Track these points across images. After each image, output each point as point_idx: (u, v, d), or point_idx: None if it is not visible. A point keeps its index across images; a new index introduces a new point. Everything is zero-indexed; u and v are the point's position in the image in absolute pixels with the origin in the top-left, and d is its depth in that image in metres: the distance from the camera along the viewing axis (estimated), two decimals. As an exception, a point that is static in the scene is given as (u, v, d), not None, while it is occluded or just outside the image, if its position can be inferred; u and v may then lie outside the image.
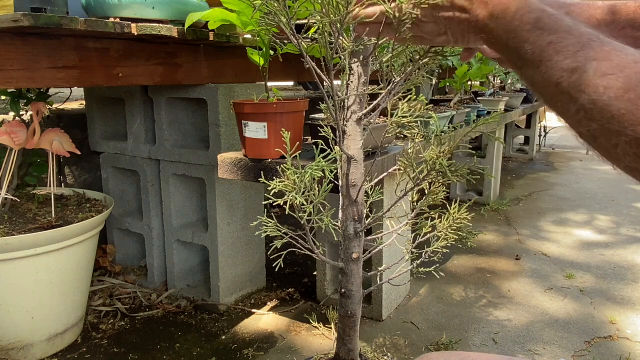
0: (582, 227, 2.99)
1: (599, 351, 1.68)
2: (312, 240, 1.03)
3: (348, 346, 1.09)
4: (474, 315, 1.91)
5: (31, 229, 1.58)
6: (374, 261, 1.84)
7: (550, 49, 0.47)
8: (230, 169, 1.51)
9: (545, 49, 0.47)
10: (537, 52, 0.48)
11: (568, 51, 0.45)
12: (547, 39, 0.47)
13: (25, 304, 1.55)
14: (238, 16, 1.32)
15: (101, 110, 2.17)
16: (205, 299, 1.97)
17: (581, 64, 0.44)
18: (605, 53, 0.44)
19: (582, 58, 0.44)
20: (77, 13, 1.46)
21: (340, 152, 0.95)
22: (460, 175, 0.93)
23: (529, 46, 0.49)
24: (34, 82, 1.35)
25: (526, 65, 0.50)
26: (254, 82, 1.99)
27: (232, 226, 1.95)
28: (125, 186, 2.21)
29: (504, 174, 4.32)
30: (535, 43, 0.48)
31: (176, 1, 1.54)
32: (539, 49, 0.48)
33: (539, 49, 0.48)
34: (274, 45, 1.30)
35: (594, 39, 0.46)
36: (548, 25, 0.48)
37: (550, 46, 0.47)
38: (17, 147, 1.67)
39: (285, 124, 1.41)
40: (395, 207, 1.07)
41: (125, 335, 1.77)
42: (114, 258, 2.20)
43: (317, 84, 0.82)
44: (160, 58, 1.64)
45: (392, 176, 1.74)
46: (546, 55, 0.47)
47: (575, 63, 0.44)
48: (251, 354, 1.65)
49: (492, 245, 2.68)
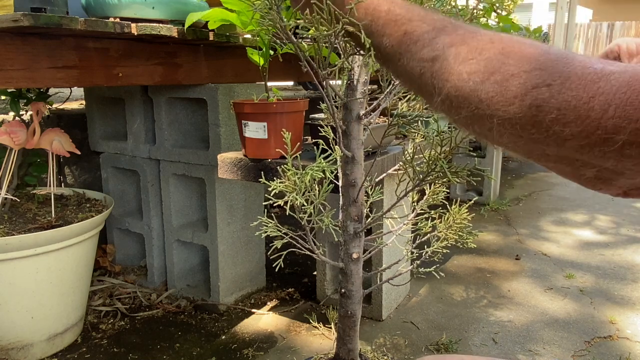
0: (582, 227, 2.99)
1: (599, 351, 1.68)
2: (313, 240, 1.03)
3: (348, 346, 1.09)
4: (474, 315, 1.91)
5: (31, 229, 1.58)
6: (374, 261, 1.84)
7: (407, 39, 0.46)
8: (230, 169, 1.51)
9: (402, 41, 0.46)
10: (395, 45, 0.47)
11: (424, 39, 0.44)
12: (402, 29, 0.46)
13: (25, 304, 1.55)
14: (238, 16, 1.32)
15: (101, 110, 2.16)
16: (205, 299, 1.97)
17: (440, 52, 0.43)
18: (460, 37, 0.43)
19: (440, 45, 0.43)
20: (77, 13, 1.46)
21: (340, 153, 0.95)
22: (461, 177, 0.93)
23: (387, 39, 0.48)
24: (34, 82, 1.35)
25: (388, 60, 0.49)
26: (254, 82, 1.99)
27: (232, 226, 1.95)
28: (125, 186, 2.21)
29: (504, 174, 4.32)
30: (392, 35, 0.47)
31: (176, 1, 1.54)
32: (396, 40, 0.47)
33: (396, 40, 0.47)
34: (274, 45, 1.30)
35: (447, 25, 0.45)
36: (400, 16, 0.47)
37: (406, 36, 0.46)
38: (17, 147, 1.67)
39: (285, 124, 1.41)
40: (395, 207, 1.07)
41: (125, 335, 1.77)
42: (114, 258, 2.20)
43: (317, 84, 0.82)
44: (160, 58, 1.64)
45: (392, 176, 1.74)
46: (404, 46, 0.46)
47: (434, 52, 0.43)
48: (251, 354, 1.65)
49: (492, 245, 2.68)
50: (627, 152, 0.35)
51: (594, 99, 0.35)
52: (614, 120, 0.35)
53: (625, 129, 0.34)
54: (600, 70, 0.36)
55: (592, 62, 0.37)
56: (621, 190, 0.40)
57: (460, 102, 0.42)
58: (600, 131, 0.35)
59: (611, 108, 0.35)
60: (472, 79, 0.41)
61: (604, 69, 0.36)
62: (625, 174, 0.37)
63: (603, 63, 0.37)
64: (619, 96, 0.35)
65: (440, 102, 0.44)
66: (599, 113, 0.35)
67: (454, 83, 0.42)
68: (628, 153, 0.35)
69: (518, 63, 0.39)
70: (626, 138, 0.34)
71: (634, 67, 0.36)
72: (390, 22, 0.47)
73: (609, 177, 0.38)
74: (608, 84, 0.35)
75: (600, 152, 0.36)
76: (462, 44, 0.42)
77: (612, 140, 0.35)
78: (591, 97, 0.36)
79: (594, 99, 0.35)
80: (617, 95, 0.35)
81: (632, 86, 0.35)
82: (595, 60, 0.38)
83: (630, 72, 0.35)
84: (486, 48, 0.41)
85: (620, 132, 0.35)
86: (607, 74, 0.36)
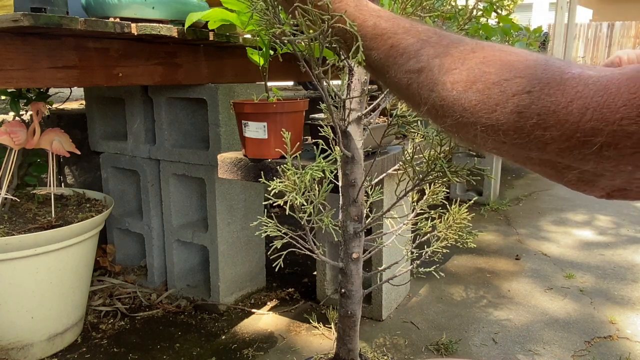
0: (582, 227, 2.99)
1: (599, 351, 1.68)
2: (312, 240, 1.03)
3: (348, 346, 1.09)
4: (474, 315, 1.91)
5: (31, 229, 1.58)
6: (374, 261, 1.84)
7: (394, 52, 0.47)
8: (230, 169, 1.51)
9: (389, 53, 0.47)
10: (383, 58, 0.48)
11: (410, 52, 0.46)
12: (388, 42, 0.48)
13: (25, 304, 1.55)
14: (238, 16, 1.32)
15: (101, 110, 2.17)
16: (205, 299, 1.97)
17: (425, 63, 0.44)
18: (444, 48, 0.44)
19: (425, 57, 0.45)
20: (77, 13, 1.46)
21: (340, 153, 0.95)
22: (461, 176, 0.93)
23: (375, 53, 0.49)
24: (34, 82, 1.35)
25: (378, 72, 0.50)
26: (254, 82, 2.00)
27: (232, 226, 1.95)
28: (125, 186, 2.21)
29: (504, 174, 4.32)
30: (379, 49, 0.48)
31: (176, 1, 1.54)
32: (384, 53, 0.48)
33: (384, 53, 0.48)
34: (274, 45, 1.30)
35: (431, 35, 0.46)
36: (386, 30, 0.48)
37: (393, 49, 0.47)
38: (17, 147, 1.67)
39: (285, 124, 1.41)
40: (395, 207, 1.07)
41: (125, 335, 1.77)
42: (114, 258, 2.20)
43: (317, 84, 0.82)
44: (160, 58, 1.64)
45: (392, 176, 1.74)
46: (391, 59, 0.47)
47: (420, 63, 0.45)
48: (251, 354, 1.65)
49: (492, 245, 2.68)
50: (606, 154, 0.36)
51: (572, 103, 0.36)
52: (592, 123, 0.35)
53: (603, 131, 0.35)
54: (578, 75, 0.37)
55: (571, 67, 0.38)
56: (604, 192, 0.41)
57: (445, 110, 0.43)
58: (579, 134, 0.36)
59: (589, 111, 0.35)
60: (456, 88, 0.42)
61: (582, 74, 0.37)
62: (605, 176, 0.38)
63: (581, 67, 0.38)
64: (596, 99, 0.35)
65: (427, 111, 0.45)
66: (577, 117, 0.36)
67: (438, 93, 0.43)
68: (607, 155, 0.36)
69: (499, 71, 0.40)
70: (604, 140, 0.35)
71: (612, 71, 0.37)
72: (377, 37, 0.49)
73: (591, 179, 0.39)
74: (586, 88, 0.36)
75: (580, 155, 0.37)
76: (445, 55, 0.44)
77: (591, 143, 0.36)
78: (569, 102, 0.36)
79: (572, 103, 0.36)
80: (594, 98, 0.35)
81: (609, 89, 0.35)
82: (575, 65, 0.39)
83: (608, 76, 0.36)
84: (468, 58, 0.43)
85: (598, 135, 0.35)
86: (585, 78, 0.37)
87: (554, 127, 0.37)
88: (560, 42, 6.65)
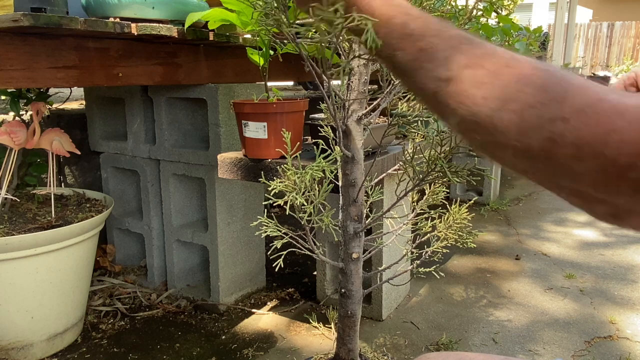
0: (582, 227, 2.99)
1: (599, 351, 1.68)
2: (312, 240, 1.03)
3: (348, 346, 1.09)
4: (474, 315, 1.91)
5: (31, 229, 1.58)
6: (374, 261, 1.84)
7: (422, 56, 0.44)
8: (230, 169, 1.51)
9: (417, 57, 0.44)
10: (410, 61, 0.45)
11: (439, 58, 0.43)
12: (417, 45, 0.44)
13: (25, 304, 1.55)
14: (238, 16, 1.32)
15: (101, 110, 2.17)
16: (205, 299, 1.97)
17: (455, 72, 0.42)
18: (477, 59, 0.42)
19: (455, 65, 0.42)
20: (77, 13, 1.46)
21: (340, 153, 0.95)
22: (461, 177, 0.93)
23: (401, 54, 0.45)
24: (34, 82, 1.35)
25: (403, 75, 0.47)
26: (254, 82, 1.99)
27: (232, 226, 1.95)
28: (125, 186, 2.21)
29: (504, 174, 4.32)
30: (406, 50, 0.45)
31: (176, 1, 1.54)
32: (411, 56, 0.45)
33: (411, 56, 0.45)
34: (274, 45, 1.30)
35: (463, 42, 0.43)
36: (416, 31, 0.45)
37: (422, 53, 0.44)
38: (17, 147, 1.67)
39: (285, 124, 1.41)
40: (395, 207, 1.07)
41: (125, 335, 1.77)
42: (114, 258, 2.20)
43: (317, 84, 0.82)
44: (160, 58, 1.64)
45: (392, 176, 1.74)
46: (418, 63, 0.44)
47: (449, 72, 0.42)
48: (251, 354, 1.65)
49: (492, 245, 2.68)
50: None
51: (609, 136, 0.35)
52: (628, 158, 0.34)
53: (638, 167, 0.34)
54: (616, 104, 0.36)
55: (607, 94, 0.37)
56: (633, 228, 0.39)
57: (475, 127, 0.41)
58: (615, 168, 0.35)
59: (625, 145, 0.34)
60: (487, 104, 0.39)
61: (619, 102, 0.36)
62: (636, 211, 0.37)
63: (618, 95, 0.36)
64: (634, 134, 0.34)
65: (456, 124, 0.43)
66: (614, 151, 0.35)
67: (468, 107, 0.41)
68: None
69: (535, 92, 0.38)
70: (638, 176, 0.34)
71: None
72: (405, 37, 0.45)
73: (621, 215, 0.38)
74: (624, 120, 0.35)
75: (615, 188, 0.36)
76: (477, 66, 0.41)
77: (626, 178, 0.35)
78: (606, 134, 0.35)
79: (608, 135, 0.35)
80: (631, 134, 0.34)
81: None
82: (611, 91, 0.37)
83: None
84: (503, 73, 0.40)
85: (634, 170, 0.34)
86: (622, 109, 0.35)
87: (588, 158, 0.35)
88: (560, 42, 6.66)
